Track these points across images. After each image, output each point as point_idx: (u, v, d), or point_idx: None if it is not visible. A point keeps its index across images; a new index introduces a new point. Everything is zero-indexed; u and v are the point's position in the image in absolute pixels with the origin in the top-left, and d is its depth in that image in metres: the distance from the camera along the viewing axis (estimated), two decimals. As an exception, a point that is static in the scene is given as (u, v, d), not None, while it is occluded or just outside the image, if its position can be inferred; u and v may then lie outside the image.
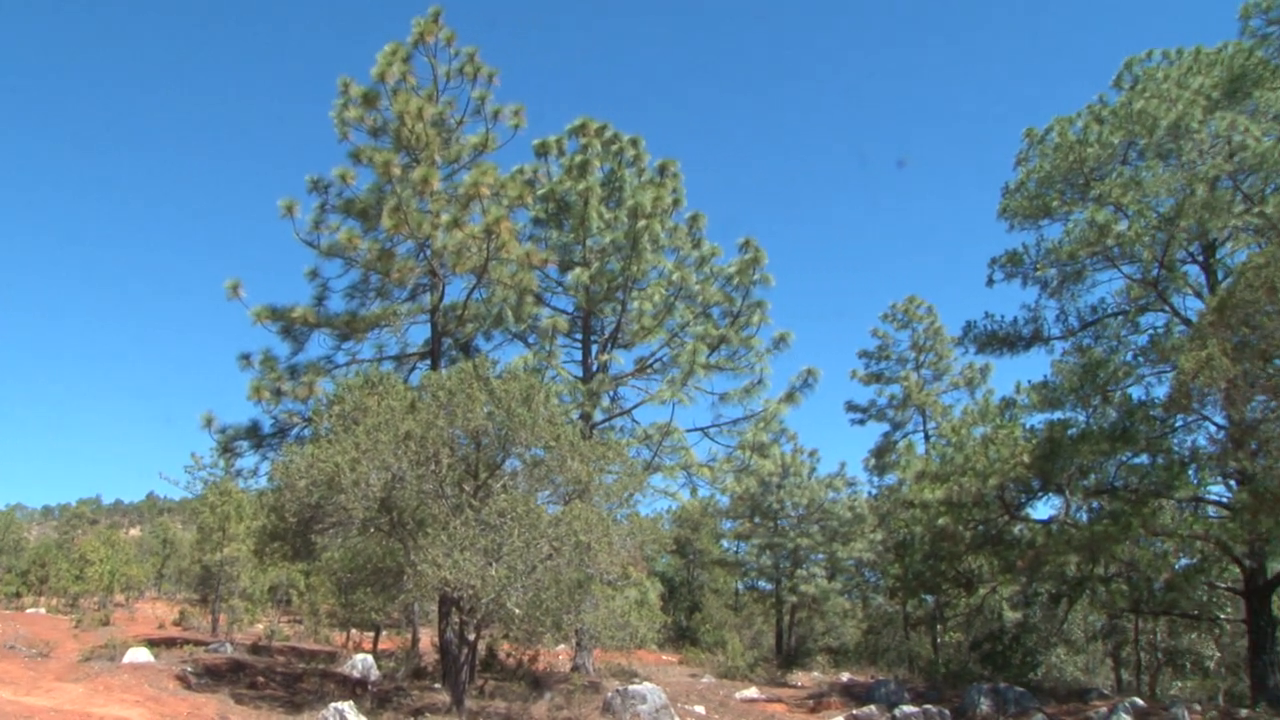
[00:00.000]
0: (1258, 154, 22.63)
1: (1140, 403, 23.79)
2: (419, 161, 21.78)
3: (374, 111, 22.39)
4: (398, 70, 21.75)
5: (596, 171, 24.40)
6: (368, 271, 22.78)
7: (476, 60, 22.92)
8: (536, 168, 25.83)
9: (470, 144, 23.29)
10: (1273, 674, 23.02)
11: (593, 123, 24.88)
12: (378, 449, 15.81)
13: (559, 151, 25.69)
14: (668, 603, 39.04)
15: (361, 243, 21.72)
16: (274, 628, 31.94)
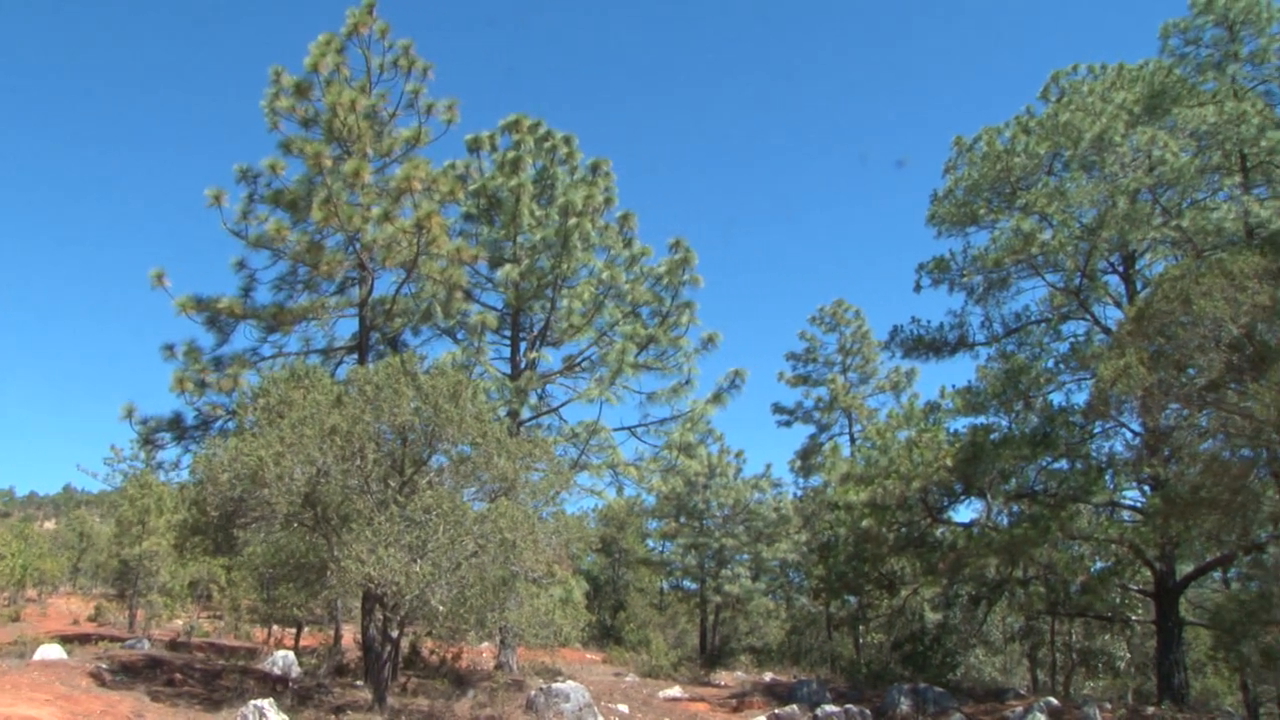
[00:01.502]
0: (1175, 169, 23.21)
1: (1061, 409, 24.29)
2: (350, 154, 21.56)
3: (306, 102, 22.09)
4: (331, 61, 21.50)
5: (529, 168, 24.35)
6: (296, 263, 22.48)
7: (411, 53, 22.74)
8: (469, 163, 25.72)
9: (403, 137, 23.09)
10: (1178, 672, 23.66)
11: (526, 119, 24.81)
12: (303, 443, 15.64)
13: (492, 147, 25.60)
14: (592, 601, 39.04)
15: (290, 234, 21.43)
16: (194, 624, 31.47)
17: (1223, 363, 15.62)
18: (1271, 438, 15.17)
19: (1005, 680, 30.91)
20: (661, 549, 43.31)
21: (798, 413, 42.31)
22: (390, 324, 22.85)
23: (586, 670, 26.06)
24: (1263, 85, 25.21)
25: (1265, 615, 15.47)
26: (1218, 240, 23.23)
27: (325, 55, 21.52)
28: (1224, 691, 30.06)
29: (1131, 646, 30.89)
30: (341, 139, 21.78)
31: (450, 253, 21.22)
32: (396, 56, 22.75)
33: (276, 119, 22.04)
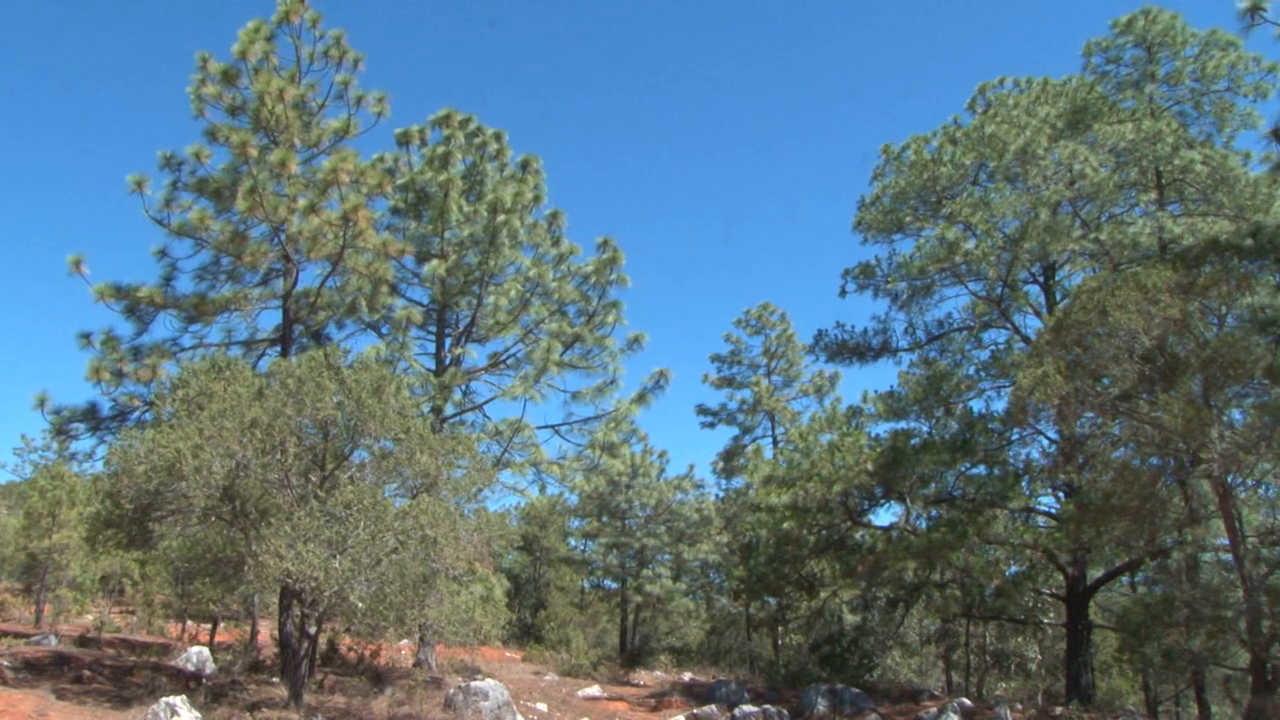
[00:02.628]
0: (1095, 183, 23.75)
1: (980, 415, 24.72)
2: (278, 143, 21.25)
3: (233, 90, 21.75)
4: (260, 49, 21.19)
5: (458, 164, 24.21)
6: (219, 253, 22.10)
7: (343, 44, 22.48)
8: (398, 157, 25.48)
9: (331, 129, 22.81)
10: (1086, 673, 24.25)
11: (457, 114, 24.66)
12: (222, 436, 15.40)
13: (421, 142, 25.39)
14: (513, 599, 38.93)
15: (214, 223, 21.08)
16: (104, 619, 30.80)
17: (1136, 373, 16.00)
18: (1179, 447, 15.58)
19: (921, 681, 31.34)
20: (583, 548, 43.34)
21: (721, 414, 42.55)
22: (314, 317, 22.57)
23: (506, 668, 25.97)
24: (1178, 105, 25.93)
25: (1168, 618, 15.87)
26: (1133, 254, 23.79)
27: (254, 43, 21.22)
28: (1128, 691, 30.80)
29: (1043, 648, 31.52)
30: (269, 128, 21.48)
31: (377, 246, 21.04)
32: (327, 47, 22.48)
33: (202, 106, 21.67)
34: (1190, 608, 15.59)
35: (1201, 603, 15.53)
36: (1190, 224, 23.58)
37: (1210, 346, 15.54)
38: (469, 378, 24.52)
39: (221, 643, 24.42)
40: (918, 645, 33.13)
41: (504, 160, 25.87)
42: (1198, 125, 25.85)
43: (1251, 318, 17.20)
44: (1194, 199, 24.54)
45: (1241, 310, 17.02)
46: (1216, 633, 15.71)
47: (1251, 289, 16.81)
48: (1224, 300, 16.27)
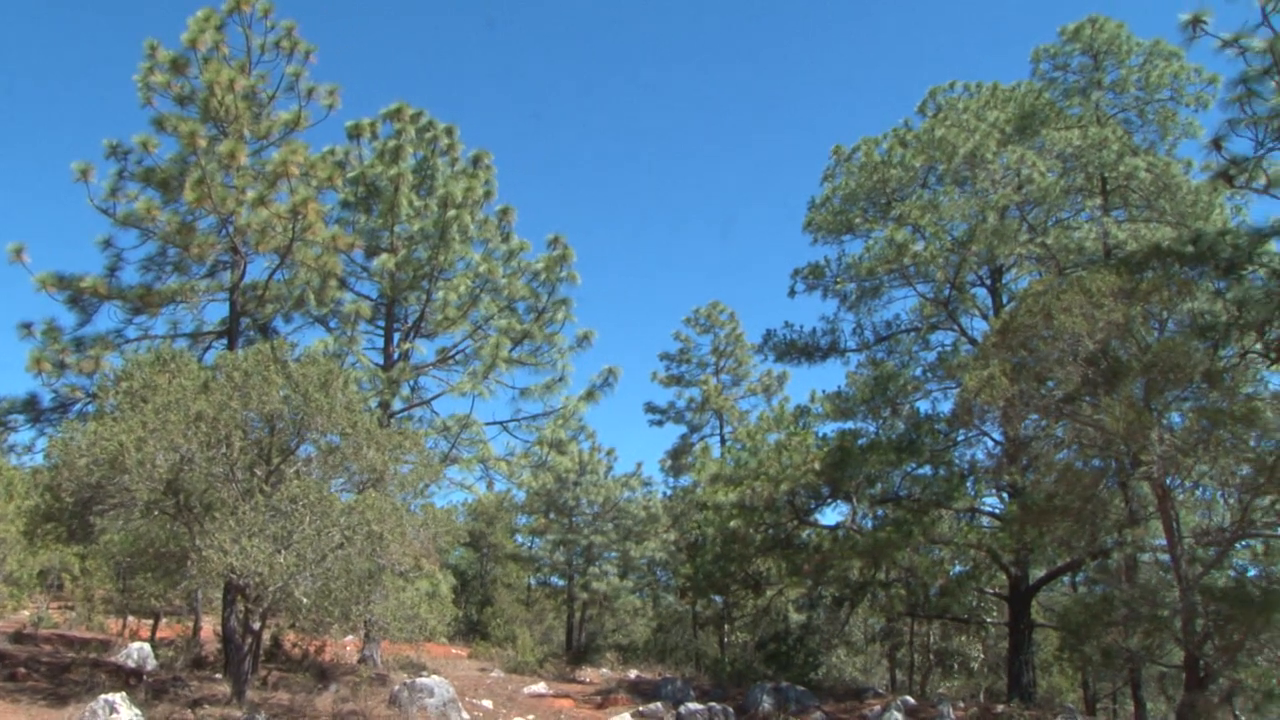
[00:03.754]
0: (1042, 188, 24.07)
1: (927, 416, 24.99)
2: (227, 134, 20.99)
3: (182, 79, 21.44)
4: (210, 38, 20.92)
5: (409, 158, 24.04)
6: (166, 244, 21.78)
7: (294, 35, 22.24)
8: (348, 150, 25.26)
9: (282, 121, 22.56)
10: (1027, 672, 24.59)
11: (408, 108, 24.49)
12: (166, 429, 15.21)
13: (372, 135, 25.19)
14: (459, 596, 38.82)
15: (161, 214, 20.77)
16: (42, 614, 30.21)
17: (1079, 376, 16.22)
18: (1120, 449, 15.83)
19: (865, 679, 31.63)
20: (530, 545, 43.24)
21: (670, 412, 42.65)
22: (262, 310, 22.34)
23: (452, 665, 25.88)
24: (1123, 113, 26.36)
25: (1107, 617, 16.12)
26: (1079, 258, 24.14)
27: (204, 31, 20.95)
28: (1067, 689, 31.24)
29: (985, 647, 31.91)
30: (218, 119, 21.21)
31: (326, 240, 20.87)
32: (279, 38, 22.24)
33: (150, 94, 21.35)
34: (1129, 607, 15.84)
35: (1139, 602, 15.79)
36: (1134, 230, 23.98)
37: (1152, 351, 15.80)
38: (417, 373, 24.40)
39: (164, 639, 24.08)
40: (862, 644, 33.41)
41: (455, 155, 25.76)
42: (1142, 133, 26.29)
43: (1191, 323, 17.52)
44: (1138, 205, 24.95)
45: (1182, 315, 17.33)
46: (1153, 631, 15.98)
47: (1192, 295, 17.12)
48: (1165, 305, 16.55)
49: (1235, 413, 14.89)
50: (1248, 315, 17.45)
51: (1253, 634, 14.51)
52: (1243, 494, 15.30)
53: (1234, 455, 14.99)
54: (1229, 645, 14.82)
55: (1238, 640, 14.70)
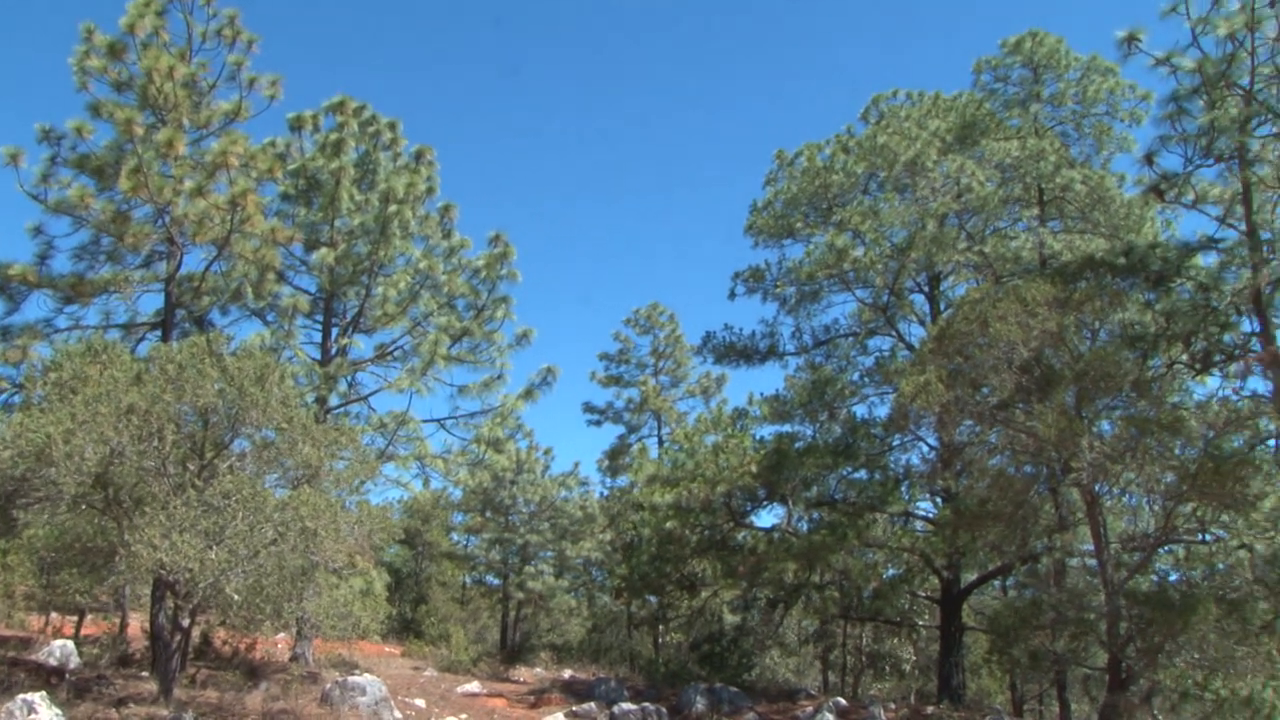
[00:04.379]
0: (981, 197, 24.41)
1: (863, 421, 25.22)
2: (165, 123, 20.62)
3: (120, 64, 21.04)
4: (150, 23, 20.56)
5: (351, 152, 23.84)
6: (100, 233, 21.35)
7: (237, 24, 21.91)
8: (290, 142, 24.98)
9: (222, 110, 22.22)
10: (957, 674, 24.92)
11: (351, 101, 24.29)
12: (96, 421, 14.95)
13: (314, 128, 24.92)
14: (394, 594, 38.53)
15: (95, 202, 20.37)
16: (-44, 611, 29.55)
17: (1013, 384, 16.46)
18: (1052, 456, 16.08)
19: (798, 681, 31.84)
20: (466, 543, 43.01)
21: (608, 413, 42.62)
22: (198, 302, 22.01)
23: (385, 664, 25.69)
24: (1060, 126, 26.83)
25: (1035, 620, 16.39)
26: (1015, 267, 24.51)
27: (144, 16, 20.57)
28: (996, 691, 31.69)
29: (917, 649, 32.26)
30: (156, 107, 20.85)
31: (265, 232, 20.61)
32: (221, 25, 21.90)
33: (86, 79, 20.93)
34: (1056, 611, 16.11)
35: (1066, 606, 16.05)
36: (1069, 241, 24.41)
37: (1083, 360, 16.08)
38: (355, 369, 24.20)
39: (88, 636, 23.61)
40: (796, 645, 33.63)
41: (398, 150, 25.61)
42: (1078, 146, 26.78)
43: (1122, 333, 17.88)
44: (1073, 216, 25.40)
45: (1113, 325, 17.67)
46: (1079, 634, 16.26)
47: (1123, 305, 17.46)
48: (1098, 315, 16.86)
49: (1162, 421, 15.21)
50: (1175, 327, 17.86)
51: (1172, 637, 14.82)
52: (1167, 501, 15.61)
53: (1160, 463, 15.30)
54: (1150, 648, 15.13)
55: (1158, 643, 15.01)
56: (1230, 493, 14.61)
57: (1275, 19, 16.95)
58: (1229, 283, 18.30)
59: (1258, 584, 15.21)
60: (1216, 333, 18.28)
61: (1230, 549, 16.46)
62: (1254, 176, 17.70)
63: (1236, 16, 16.95)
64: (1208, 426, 15.30)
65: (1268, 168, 18.04)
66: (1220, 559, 16.67)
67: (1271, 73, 17.29)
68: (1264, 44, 17.11)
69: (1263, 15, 16.82)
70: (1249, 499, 14.93)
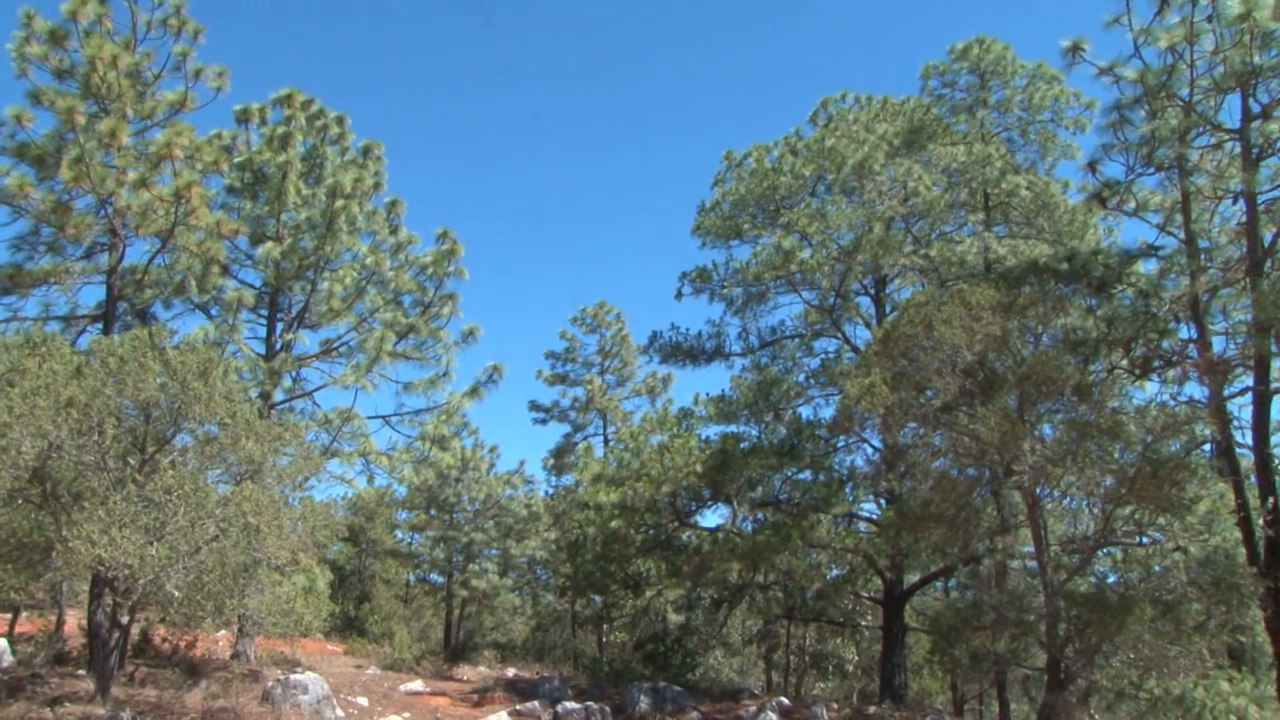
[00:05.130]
0: (927, 201, 24.67)
1: (808, 422, 25.37)
2: (108, 112, 20.31)
3: (61, 51, 20.70)
4: (92, 10, 20.24)
5: (298, 145, 23.60)
6: (39, 223, 21.02)
7: (182, 14, 21.63)
8: (236, 134, 24.66)
9: (167, 101, 21.93)
10: (899, 674, 25.18)
11: (299, 94, 24.06)
12: (34, 414, 14.71)
13: (261, 120, 24.63)
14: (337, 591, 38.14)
15: (35, 192, 20.04)
16: (-116, 607, 28.89)
17: (957, 387, 16.63)
18: (994, 459, 16.27)
19: (742, 680, 31.96)
20: (410, 541, 42.70)
21: (554, 411, 42.58)
22: (140, 295, 21.72)
23: (327, 662, 25.47)
24: (1006, 132, 27.19)
25: (976, 621, 16.57)
26: (960, 271, 24.78)
27: (86, 3, 20.25)
28: (937, 691, 32.02)
29: (860, 650, 32.53)
30: (99, 96, 20.53)
31: (210, 225, 20.37)
32: (166, 15, 21.62)
33: (25, 66, 20.57)
34: (997, 612, 16.30)
35: (1007, 607, 16.25)
36: (1013, 246, 24.71)
37: (1026, 364, 16.28)
38: (300, 364, 23.98)
39: (23, 633, 23.17)
40: (740, 645, 33.78)
41: (345, 145, 25.42)
42: (1024, 152, 27.16)
43: (1064, 338, 18.13)
44: (1018, 222, 25.73)
45: (1056, 330, 17.91)
46: (1019, 635, 16.46)
47: (1065, 310, 17.71)
48: (1040, 320, 17.07)
49: (1102, 425, 15.44)
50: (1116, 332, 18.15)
51: (1109, 637, 15.06)
52: (1106, 504, 15.84)
53: (1099, 466, 15.54)
54: (1088, 648, 15.36)
55: (1096, 643, 15.24)
56: (1167, 496, 14.87)
57: (1213, 33, 17.29)
58: (1168, 289, 18.62)
59: (1191, 585, 15.48)
60: (1156, 339, 18.58)
61: (1166, 551, 16.74)
62: (1193, 186, 18.03)
63: (1176, 29, 17.26)
64: (1146, 431, 15.55)
65: (1205, 178, 18.39)
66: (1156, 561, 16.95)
67: (1210, 85, 17.62)
68: (1203, 57, 17.44)
69: (1201, 29, 17.15)
70: (1185, 502, 15.20)
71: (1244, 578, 15.04)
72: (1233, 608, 15.38)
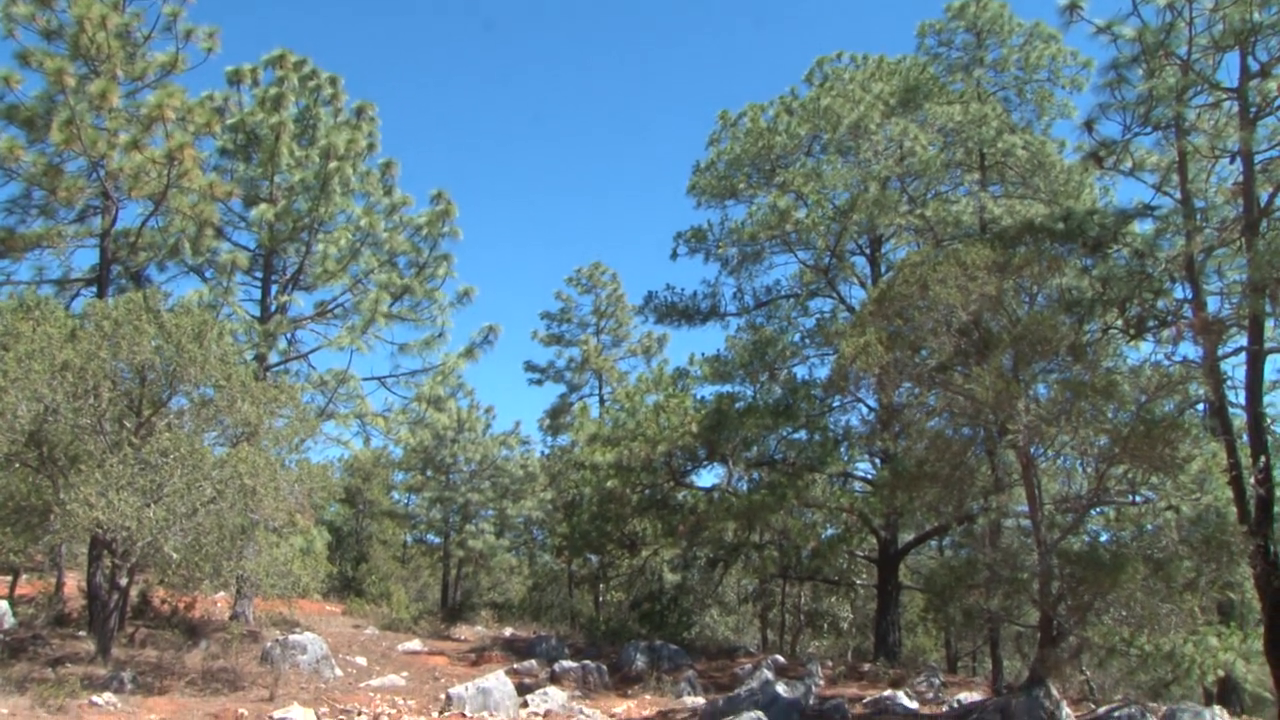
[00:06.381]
0: (923, 161, 24.60)
1: (804, 382, 25.41)
2: (98, 74, 20.11)
3: (49, 11, 20.46)
4: (80, -31, 20.09)
5: (291, 107, 23.45)
6: (31, 186, 20.88)
7: (174, -28, 21.49)
8: (228, 96, 24.47)
9: (158, 62, 21.70)
10: (893, 632, 25.42)
11: (291, 55, 23.84)
12: (30, 378, 14.74)
13: (253, 82, 24.44)
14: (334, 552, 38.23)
15: (25, 154, 19.87)
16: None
17: (952, 346, 16.63)
18: (989, 418, 16.30)
19: (737, 639, 32.20)
20: (407, 502, 42.84)
21: (549, 372, 42.59)
22: (134, 258, 21.64)
23: (326, 622, 25.64)
24: (1003, 91, 27.02)
25: (970, 580, 16.64)
26: (956, 231, 24.77)
27: (73, -37, 20.10)
28: (930, 648, 32.30)
29: (854, 608, 32.76)
30: (89, 57, 20.34)
31: (203, 187, 20.28)
32: (156, -26, 21.45)
33: (13, 26, 20.33)
34: (991, 570, 16.38)
35: (1001, 565, 16.33)
36: (1009, 205, 24.66)
37: (1021, 323, 16.28)
38: (295, 326, 23.97)
39: (23, 596, 23.28)
40: (735, 604, 34.02)
41: (339, 105, 25.26)
42: (1020, 112, 27.02)
43: (1059, 297, 18.12)
44: (1014, 182, 25.64)
45: (1051, 290, 17.88)
46: (1012, 593, 16.56)
47: (1061, 270, 17.67)
48: (1036, 280, 17.04)
49: (1096, 385, 15.46)
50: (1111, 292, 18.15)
51: (1101, 595, 15.17)
52: (1099, 463, 15.89)
53: (1093, 426, 15.57)
54: (1080, 605, 15.46)
55: (1088, 600, 15.35)
56: (1160, 456, 14.92)
57: (1212, -11, 17.15)
58: (1163, 249, 18.58)
59: (1183, 544, 15.56)
60: (1150, 299, 18.59)
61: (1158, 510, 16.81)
62: (1189, 145, 17.95)
63: (1176, -14, 17.13)
64: (1140, 391, 15.57)
65: (1203, 137, 18.31)
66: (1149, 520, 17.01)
67: (1208, 43, 17.51)
68: (1201, 14, 17.29)
69: (1200, -15, 17.02)
70: (1177, 462, 15.25)
71: (1234, 536, 15.12)
72: (1223, 565, 15.47)
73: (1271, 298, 16.42)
